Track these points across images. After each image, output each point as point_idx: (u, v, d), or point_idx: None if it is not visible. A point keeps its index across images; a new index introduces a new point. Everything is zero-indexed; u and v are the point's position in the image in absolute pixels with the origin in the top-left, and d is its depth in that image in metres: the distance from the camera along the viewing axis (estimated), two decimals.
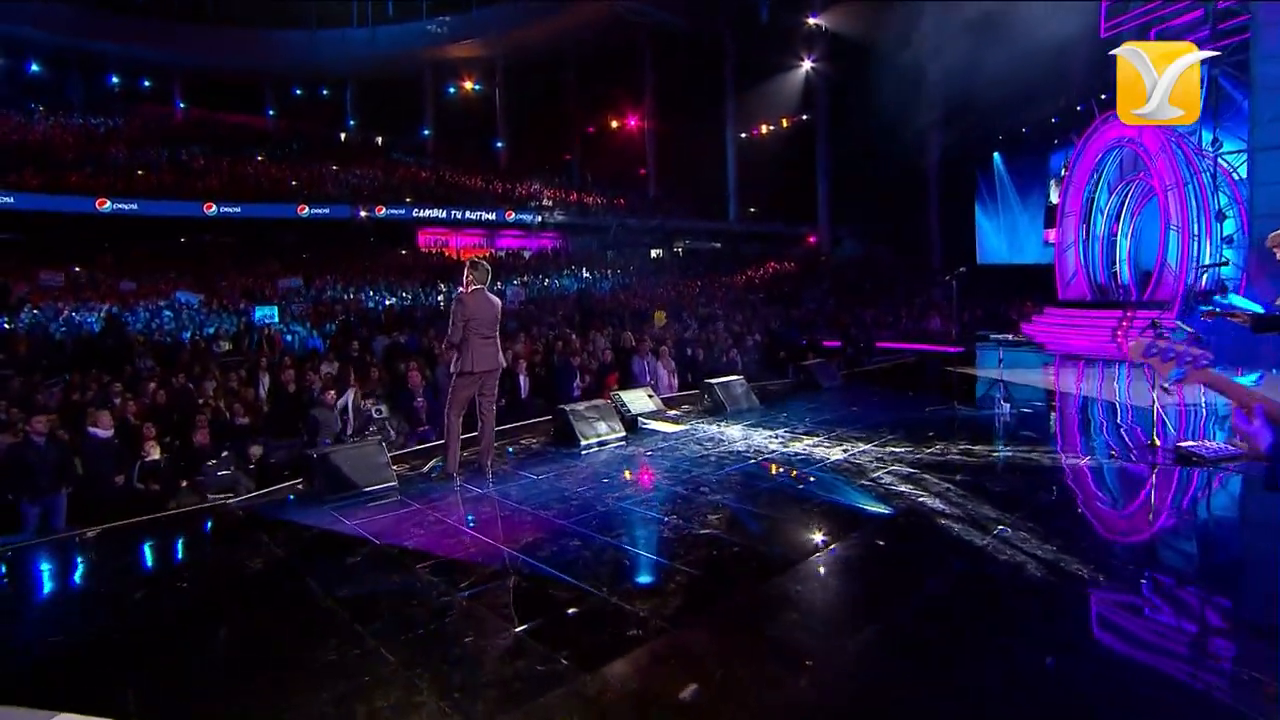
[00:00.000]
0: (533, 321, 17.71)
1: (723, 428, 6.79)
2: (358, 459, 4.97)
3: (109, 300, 19.41)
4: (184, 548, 4.30)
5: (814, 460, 5.48)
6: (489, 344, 5.27)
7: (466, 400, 5.32)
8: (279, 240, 29.89)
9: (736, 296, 25.26)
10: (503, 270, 31.51)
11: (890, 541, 3.78)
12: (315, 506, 4.71)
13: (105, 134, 30.82)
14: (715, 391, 7.53)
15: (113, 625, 3.19)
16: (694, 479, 5.08)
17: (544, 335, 14.49)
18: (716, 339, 13.01)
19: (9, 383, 10.62)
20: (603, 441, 6.29)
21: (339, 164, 35.91)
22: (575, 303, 23.60)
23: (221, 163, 31.77)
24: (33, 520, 6.39)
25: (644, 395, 7.21)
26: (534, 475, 5.34)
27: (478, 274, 5.28)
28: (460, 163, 38.91)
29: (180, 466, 7.53)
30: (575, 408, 6.40)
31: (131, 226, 26.27)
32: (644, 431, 6.75)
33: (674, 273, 32.23)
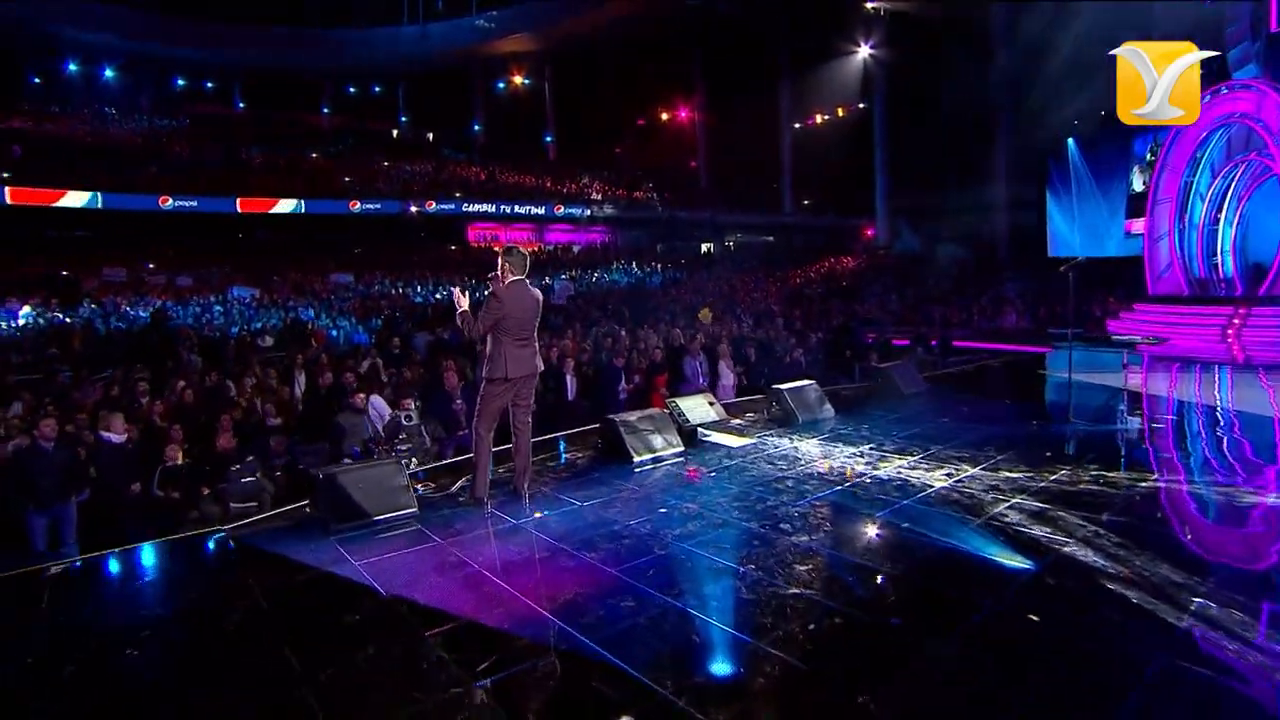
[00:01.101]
0: (580, 317, 17.00)
1: (796, 442, 5.88)
2: (371, 481, 4.25)
3: (166, 295, 19.51)
4: (151, 592, 3.59)
5: (913, 488, 4.53)
6: (525, 345, 4.49)
7: (499, 411, 4.54)
8: (332, 236, 30.01)
9: (793, 291, 24.12)
10: (551, 265, 31.06)
11: (1046, 615, 2.84)
12: (319, 537, 4.00)
13: (170, 134, 31.41)
14: (785, 399, 6.62)
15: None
16: (771, 511, 4.19)
17: (592, 332, 13.73)
18: (777, 336, 12.03)
19: (54, 379, 10.40)
20: (658, 458, 5.45)
21: (390, 160, 36.01)
22: (624, 298, 22.86)
23: (278, 160, 32.11)
24: (41, 533, 5.91)
25: (704, 403, 6.34)
26: (577, 501, 4.53)
27: (514, 262, 4.49)
28: (509, 157, 38.63)
29: (204, 472, 7.01)
30: (627, 418, 5.58)
31: (192, 223, 26.67)
32: (704, 445, 5.89)
33: (726, 267, 31.18)
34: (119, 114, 31.65)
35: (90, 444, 6.44)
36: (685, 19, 31.98)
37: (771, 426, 6.47)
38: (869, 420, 6.61)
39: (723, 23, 31.48)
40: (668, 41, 34.02)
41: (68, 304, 16.81)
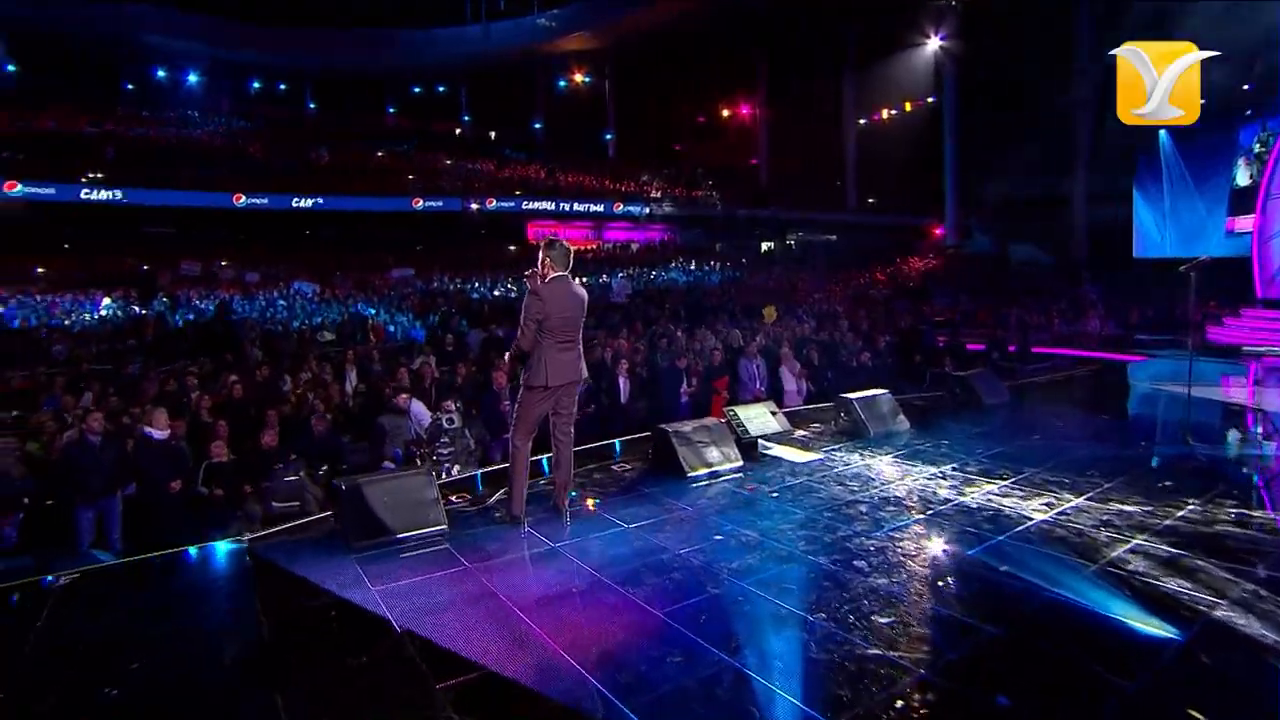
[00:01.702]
0: (640, 315, 16.58)
1: (868, 458, 5.30)
2: (398, 494, 3.90)
3: (235, 290, 20.05)
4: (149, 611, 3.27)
5: (1008, 519, 3.92)
6: (568, 349, 4.06)
7: (537, 421, 4.14)
8: (395, 233, 30.52)
9: (857, 292, 23.14)
10: (610, 263, 30.80)
11: (1210, 710, 2.24)
12: (341, 554, 3.67)
13: (245, 135, 32.52)
14: (855, 409, 6.02)
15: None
16: (842, 543, 3.66)
17: (648, 332, 13.29)
18: (842, 339, 11.33)
19: (123, 370, 10.60)
20: (715, 473, 4.96)
21: (453, 159, 36.45)
22: (682, 297, 22.37)
23: (345, 159, 32.88)
24: (87, 527, 5.85)
25: (765, 412, 5.81)
26: (623, 523, 4.09)
27: (556, 256, 4.07)
28: (569, 155, 38.63)
29: (248, 470, 6.86)
30: (680, 429, 5.11)
31: (264, 220, 27.51)
32: (766, 460, 5.37)
33: (787, 266, 30.32)
34: (200, 116, 32.96)
35: (136, 439, 6.35)
36: (748, 12, 31.23)
37: (840, 440, 5.90)
38: (949, 435, 5.96)
39: (787, 16, 30.58)
40: (730, 36, 33.28)
41: (145, 297, 17.40)
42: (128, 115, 30.34)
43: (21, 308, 15.21)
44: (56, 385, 9.31)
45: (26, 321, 14.19)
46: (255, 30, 32.80)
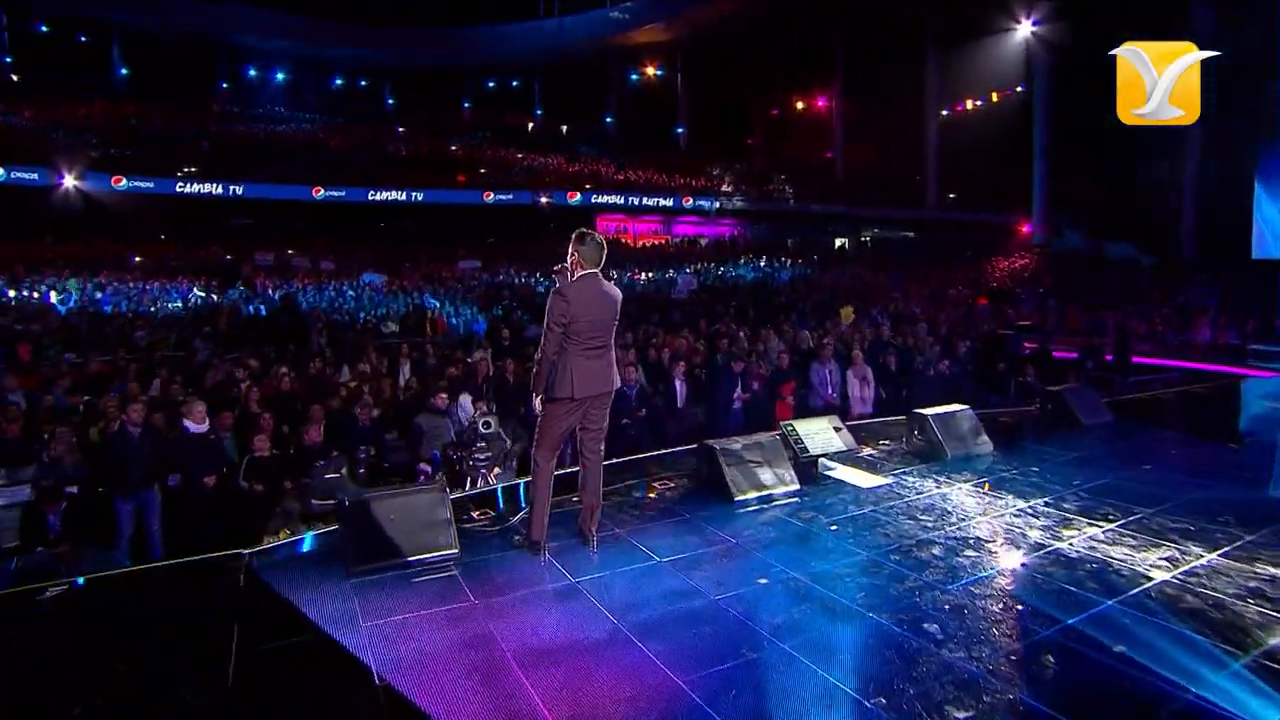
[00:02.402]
0: (703, 313, 16.01)
1: (945, 486, 4.63)
2: (407, 513, 3.54)
3: (308, 280, 20.56)
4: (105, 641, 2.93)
5: (1119, 578, 3.23)
6: (598, 356, 3.60)
7: (563, 437, 3.70)
8: (466, 226, 30.94)
9: (936, 293, 21.81)
10: (677, 258, 30.27)
11: None
12: (339, 577, 3.34)
13: (326, 130, 33.57)
14: (931, 427, 5.34)
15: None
16: (910, 597, 3.08)
17: (709, 331, 12.73)
18: (919, 343, 10.48)
19: (192, 358, 10.80)
20: (766, 498, 4.42)
21: (524, 152, 36.67)
22: (750, 294, 21.64)
23: (420, 153, 33.53)
24: (127, 519, 5.79)
25: (828, 427, 5.20)
26: (656, 555, 3.61)
27: (587, 252, 3.61)
28: (640, 149, 38.29)
29: (290, 465, 6.73)
30: (729, 445, 4.57)
31: (341, 212, 28.30)
32: (827, 483, 4.77)
33: (861, 264, 29.05)
34: (286, 113, 34.22)
35: (175, 432, 6.28)
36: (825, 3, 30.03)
37: (913, 462, 5.23)
38: (1040, 460, 5.20)
39: (865, 2, 29.20)
40: (806, 25, 32.11)
41: (225, 286, 18.00)
42: (221, 112, 31.77)
43: (116, 294, 15.92)
44: (130, 372, 9.53)
45: (118, 307, 14.80)
46: (339, 28, 33.80)
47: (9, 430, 6.76)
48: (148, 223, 23.75)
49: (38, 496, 5.45)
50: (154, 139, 26.55)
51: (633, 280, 25.05)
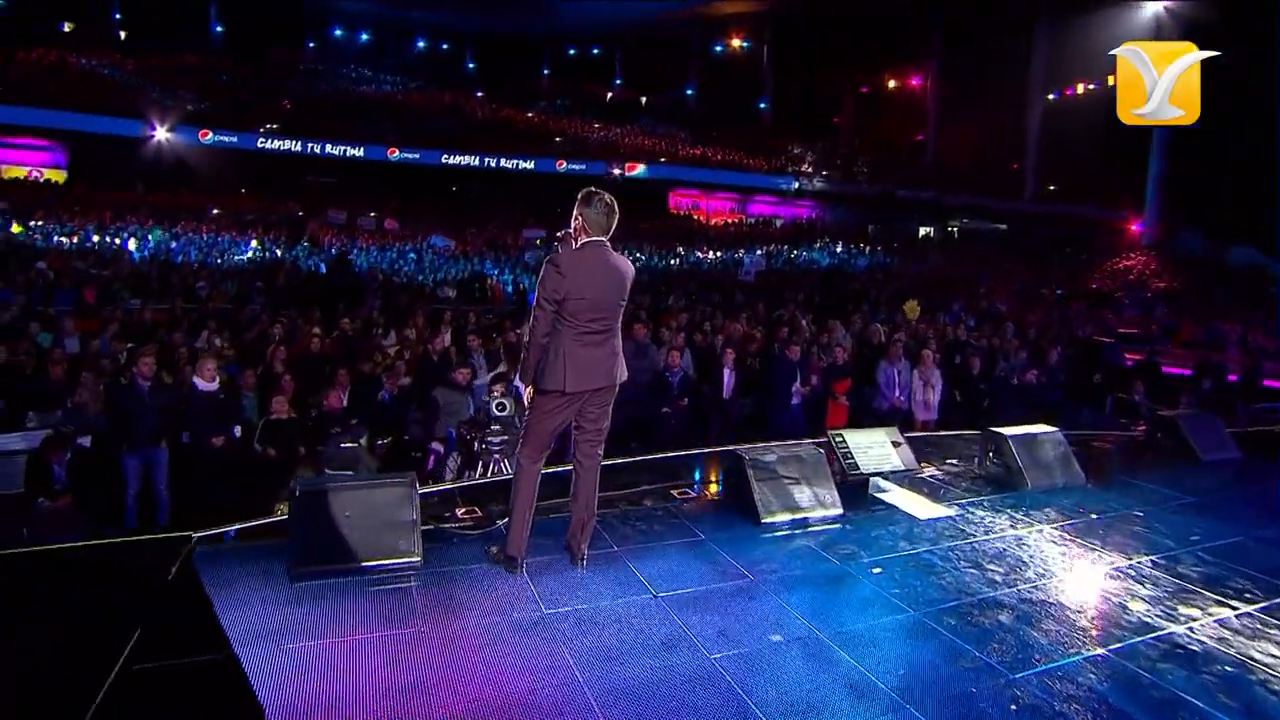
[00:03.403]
0: (765, 298, 15.14)
1: (1021, 527, 3.82)
2: (366, 509, 3.03)
3: (375, 240, 20.65)
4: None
5: (1263, 687, 2.41)
6: (598, 343, 2.99)
7: (553, 436, 3.10)
8: (538, 194, 30.72)
9: (1027, 291, 20.09)
10: (750, 238, 29.19)
11: None
12: (280, 578, 2.87)
13: (406, 92, 33.78)
14: (1009, 450, 4.50)
15: None
16: (966, 686, 2.36)
17: (771, 317, 11.91)
18: (1003, 346, 9.40)
19: (241, 312, 10.77)
20: (800, 522, 3.72)
21: (601, 122, 36.05)
22: (822, 281, 20.54)
23: (496, 118, 33.38)
24: (134, 475, 5.57)
25: (884, 441, 4.43)
26: (652, 587, 2.99)
27: (592, 215, 2.99)
28: (720, 123, 37.08)
29: (307, 431, 6.42)
30: (762, 456, 3.88)
31: (415, 174, 28.46)
32: (877, 509, 4.03)
33: (946, 255, 27.27)
34: (369, 74, 34.60)
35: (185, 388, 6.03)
36: None
37: (984, 490, 4.41)
38: (1146, 502, 4.29)
39: None
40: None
41: (292, 242, 18.21)
42: (306, 70, 32.36)
43: (188, 244, 16.29)
44: (181, 322, 9.52)
45: (187, 257, 15.10)
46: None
47: (52, 372, 6.71)
48: (230, 176, 24.40)
49: (42, 444, 5.28)
50: (241, 95, 27.22)
51: (700, 258, 24.25)
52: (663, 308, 13.04)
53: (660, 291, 16.01)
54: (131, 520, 5.55)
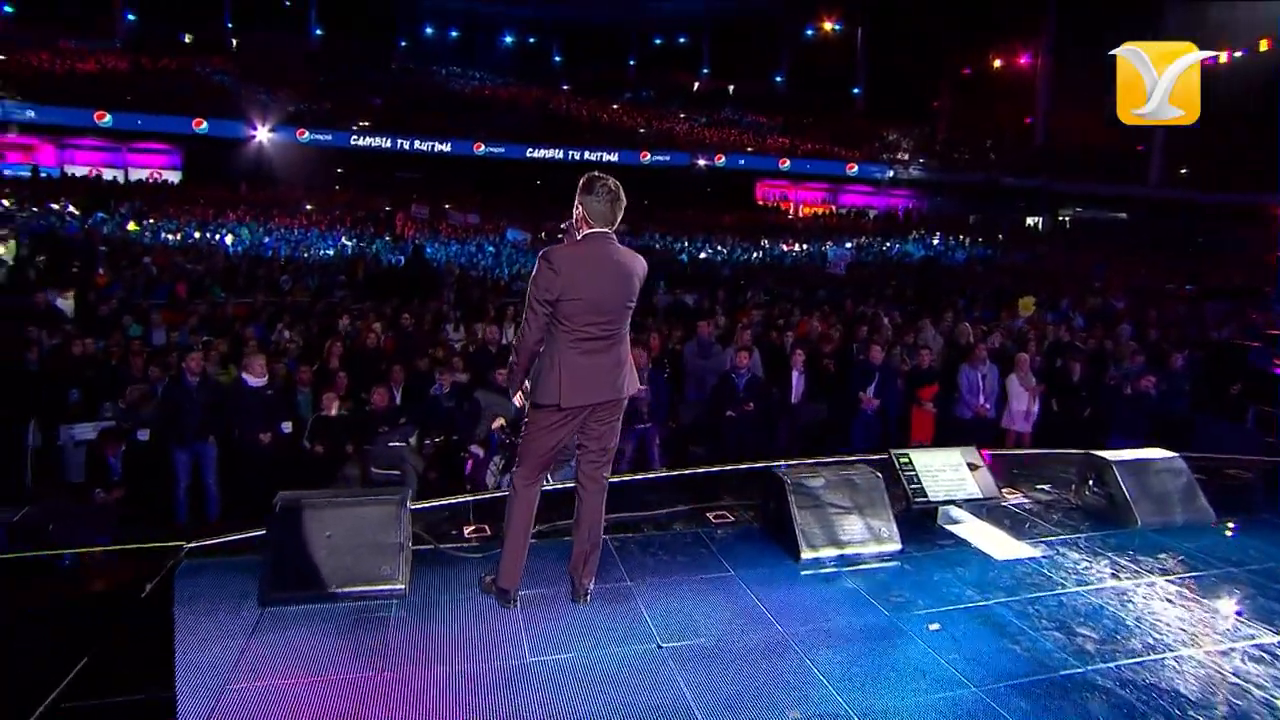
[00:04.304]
0: (851, 293, 14.28)
1: (1127, 577, 3.14)
2: (349, 530, 2.75)
3: (454, 233, 21.02)
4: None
5: None
6: (601, 350, 2.59)
7: (552, 455, 2.72)
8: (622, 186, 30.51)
9: (1147, 287, 18.09)
10: (838, 229, 27.98)
11: None
12: (249, 605, 2.63)
13: (493, 87, 34.36)
14: (1114, 478, 3.78)
15: None
16: None
17: (852, 314, 11.14)
18: (1117, 349, 8.33)
19: (315, 304, 11.01)
20: (849, 559, 3.20)
21: (686, 112, 35.51)
22: (914, 275, 19.32)
23: (581, 111, 33.44)
24: (184, 469, 5.63)
25: (958, 463, 3.81)
26: (658, 636, 2.57)
27: (594, 204, 2.59)
28: (811, 111, 35.80)
29: (355, 429, 6.34)
30: (806, 480, 3.36)
31: (499, 168, 28.88)
32: (943, 544, 3.44)
33: (1055, 246, 25.17)
34: (457, 69, 35.41)
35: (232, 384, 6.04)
36: None
37: (1081, 525, 3.72)
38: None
39: None
40: None
41: (375, 236, 18.75)
42: (398, 69, 33.44)
43: (279, 239, 17.03)
44: (259, 315, 9.81)
45: (277, 251, 15.76)
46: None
47: (133, 364, 6.94)
48: (324, 173, 25.49)
49: (99, 436, 5.40)
50: (335, 94, 28.39)
51: (784, 252, 23.39)
52: (739, 303, 12.50)
53: (738, 286, 15.44)
54: (182, 514, 5.62)
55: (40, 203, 17.20)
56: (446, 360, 7.53)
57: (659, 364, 7.33)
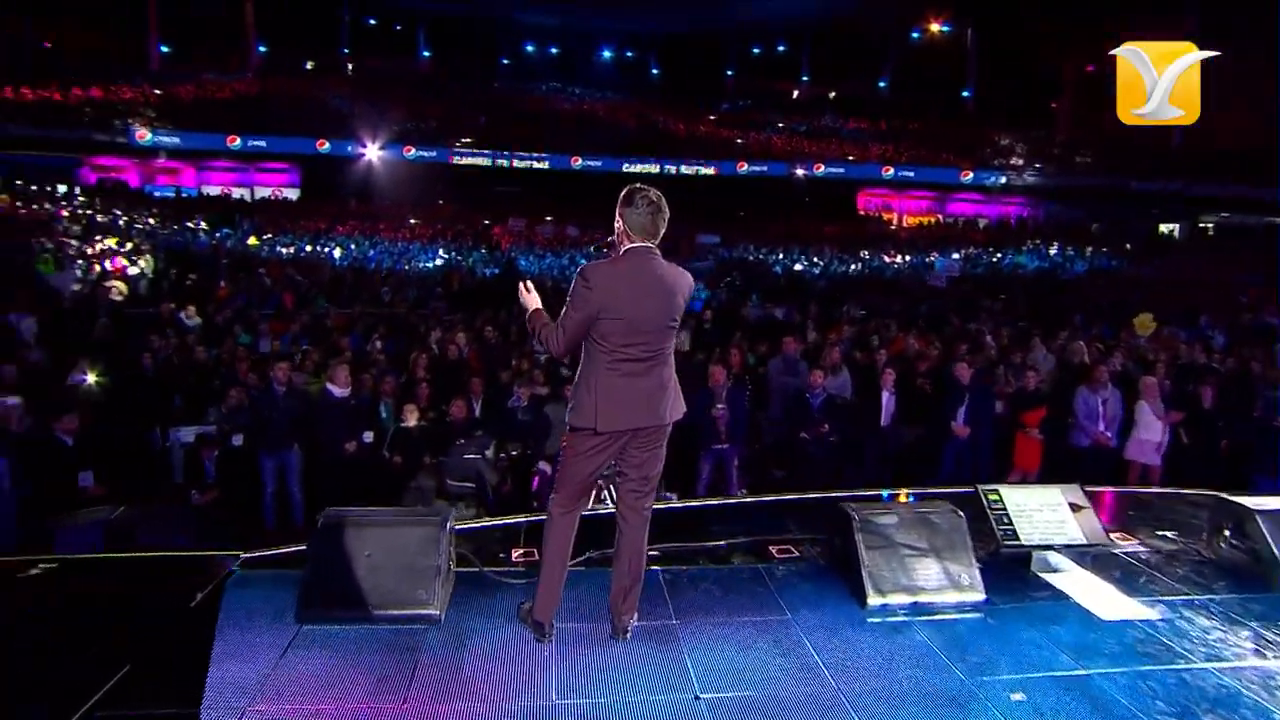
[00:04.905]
0: (954, 307, 13.46)
1: (1273, 655, 2.64)
2: (388, 550, 2.70)
3: (552, 245, 21.44)
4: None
5: None
6: (641, 373, 2.42)
7: (590, 481, 2.56)
8: (718, 198, 30.47)
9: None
10: (945, 240, 26.59)
11: None
12: (287, 621, 2.62)
13: (590, 102, 35.01)
14: (1258, 530, 3.22)
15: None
16: None
17: (954, 330, 10.45)
18: (1268, 373, 7.33)
19: (409, 316, 11.43)
20: (922, 609, 2.86)
21: (785, 120, 34.90)
22: (1027, 288, 18.07)
23: (677, 123, 33.52)
24: (270, 476, 5.87)
25: (1059, 501, 3.36)
26: (700, 683, 2.36)
27: (634, 217, 2.43)
28: (918, 116, 34.38)
29: (433, 440, 6.42)
30: (874, 516, 3.04)
31: (595, 182, 29.36)
32: (1037, 597, 3.03)
33: (1195, 257, 22.84)
34: (557, 85, 36.31)
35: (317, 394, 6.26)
36: None
37: (1214, 583, 3.19)
38: None
39: None
40: None
41: (473, 248, 19.40)
42: (501, 87, 34.67)
43: (383, 252, 17.91)
44: (356, 325, 10.27)
45: (380, 264, 16.56)
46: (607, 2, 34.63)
47: (238, 371, 7.39)
48: (428, 188, 26.71)
49: (196, 440, 5.73)
50: (440, 113, 29.73)
51: (885, 263, 22.44)
52: (832, 318, 12.00)
53: (832, 300, 14.87)
54: (270, 518, 5.86)
55: (178, 220, 18.92)
56: (528, 373, 7.55)
57: (740, 381, 7.06)
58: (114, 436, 5.51)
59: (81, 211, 18.62)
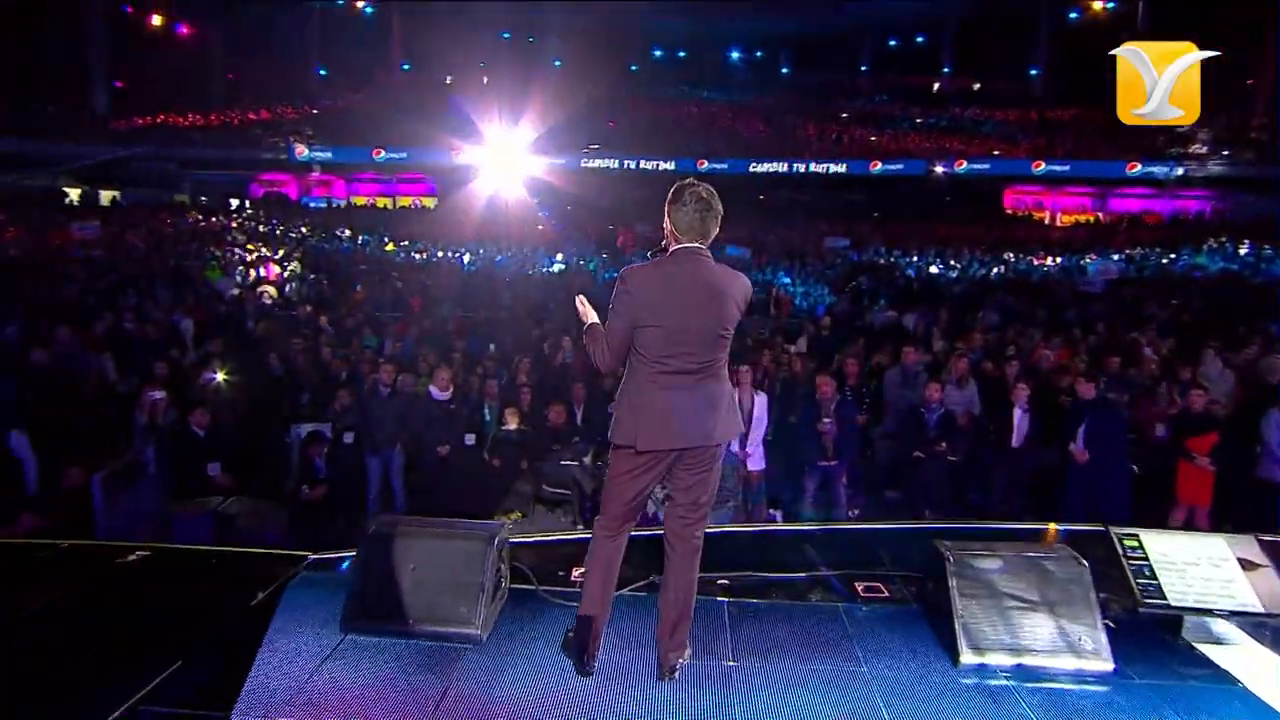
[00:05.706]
0: (1112, 314, 12.00)
1: None
2: (433, 564, 2.61)
3: None
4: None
5: None
6: (688, 386, 2.19)
7: (638, 502, 2.34)
8: (849, 198, 29.31)
9: None
10: (1103, 239, 23.98)
11: None
12: (334, 628, 2.60)
13: (717, 104, 34.69)
14: None
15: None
16: None
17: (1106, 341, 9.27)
18: None
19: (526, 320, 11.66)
20: (1029, 671, 2.40)
21: (923, 116, 32.96)
22: (1207, 293, 15.83)
23: (807, 122, 32.52)
24: (375, 474, 6.11)
25: (1224, 554, 2.74)
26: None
27: (680, 216, 2.21)
28: (1074, 104, 31.30)
29: (531, 446, 6.45)
30: (973, 559, 2.60)
31: (722, 184, 28.94)
32: (1187, 674, 2.46)
33: None
34: (687, 88, 36.29)
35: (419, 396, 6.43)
36: None
37: None
38: None
39: None
40: None
41: (596, 254, 19.71)
42: (632, 96, 35.12)
43: (510, 258, 18.54)
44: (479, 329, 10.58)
45: (506, 269, 17.14)
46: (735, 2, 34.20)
47: (361, 372, 7.80)
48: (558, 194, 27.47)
49: (307, 437, 6.05)
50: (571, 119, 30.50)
51: (1033, 266, 20.51)
52: (965, 325, 11.02)
53: (967, 306, 13.71)
54: None
55: (326, 229, 20.64)
56: None
57: (858, 393, 6.59)
58: (242, 431, 5.93)
59: (247, 222, 20.80)
